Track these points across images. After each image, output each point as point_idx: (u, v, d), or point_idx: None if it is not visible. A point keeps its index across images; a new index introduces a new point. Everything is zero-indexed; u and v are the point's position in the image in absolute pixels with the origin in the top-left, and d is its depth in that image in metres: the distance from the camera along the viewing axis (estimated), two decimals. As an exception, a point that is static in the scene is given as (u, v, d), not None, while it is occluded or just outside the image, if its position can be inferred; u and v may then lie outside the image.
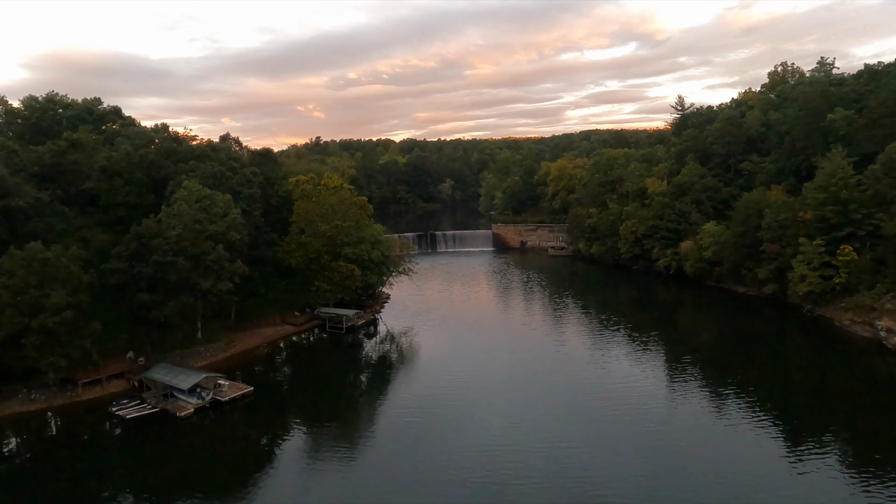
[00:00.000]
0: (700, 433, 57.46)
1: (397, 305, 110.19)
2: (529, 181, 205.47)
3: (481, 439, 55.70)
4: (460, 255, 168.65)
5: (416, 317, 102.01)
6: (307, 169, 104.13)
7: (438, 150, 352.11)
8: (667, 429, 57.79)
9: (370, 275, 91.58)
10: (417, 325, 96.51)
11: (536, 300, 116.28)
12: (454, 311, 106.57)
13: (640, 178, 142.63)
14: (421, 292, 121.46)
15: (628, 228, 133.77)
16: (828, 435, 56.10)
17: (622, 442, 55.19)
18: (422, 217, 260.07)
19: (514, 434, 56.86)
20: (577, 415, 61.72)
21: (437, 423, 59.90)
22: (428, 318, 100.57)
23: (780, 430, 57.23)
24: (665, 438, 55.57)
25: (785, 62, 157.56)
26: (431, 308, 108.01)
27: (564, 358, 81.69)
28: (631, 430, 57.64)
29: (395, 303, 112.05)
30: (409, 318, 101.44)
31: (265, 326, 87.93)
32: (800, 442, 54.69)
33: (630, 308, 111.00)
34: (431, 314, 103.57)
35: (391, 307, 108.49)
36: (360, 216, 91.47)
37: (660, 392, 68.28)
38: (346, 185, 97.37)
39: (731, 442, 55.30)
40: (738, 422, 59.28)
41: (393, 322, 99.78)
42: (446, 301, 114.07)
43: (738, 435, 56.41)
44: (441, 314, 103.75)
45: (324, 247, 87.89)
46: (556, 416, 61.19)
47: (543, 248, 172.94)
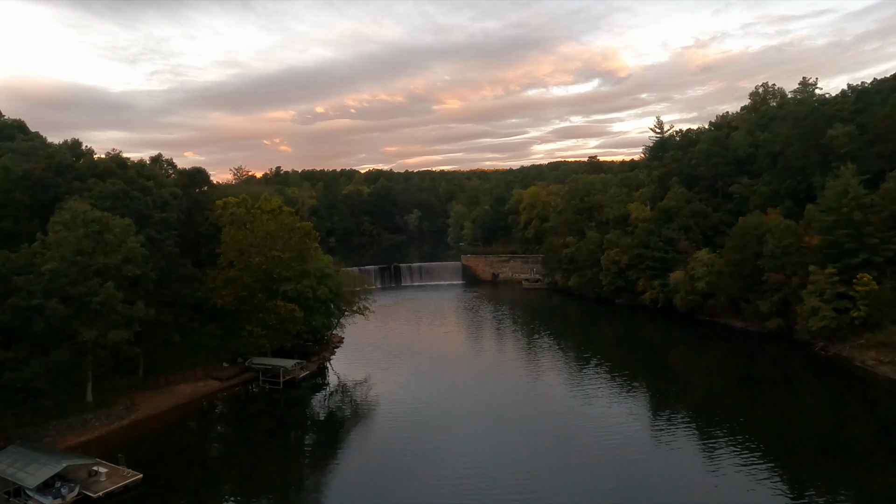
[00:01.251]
0: (691, 486, 48.33)
1: (352, 350, 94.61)
2: (500, 210, 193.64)
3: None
4: (427, 290, 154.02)
5: (375, 363, 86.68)
6: (245, 191, 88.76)
7: (405, 180, 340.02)
8: (655, 481, 48.71)
9: (316, 316, 76.02)
10: (376, 374, 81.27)
11: (511, 341, 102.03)
12: (419, 355, 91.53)
13: (620, 203, 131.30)
14: (381, 333, 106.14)
15: (610, 258, 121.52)
16: (846, 492, 46.48)
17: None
18: (387, 249, 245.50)
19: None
20: (563, 477, 49.93)
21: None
22: (388, 365, 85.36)
23: (790, 487, 47.24)
24: (651, 491, 47.18)
25: (766, 83, 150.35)
26: (393, 352, 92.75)
27: (544, 407, 68.33)
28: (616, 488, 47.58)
29: (350, 347, 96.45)
30: (366, 364, 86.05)
31: (183, 382, 71.41)
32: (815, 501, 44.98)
33: (614, 347, 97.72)
34: (393, 360, 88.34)
35: (345, 352, 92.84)
36: (303, 245, 76.56)
37: (646, 441, 57.87)
38: (286, 208, 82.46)
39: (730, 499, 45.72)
40: (737, 476, 49.37)
41: (346, 370, 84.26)
42: (410, 343, 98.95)
43: (737, 492, 46.90)
44: (404, 359, 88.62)
45: (257, 283, 72.49)
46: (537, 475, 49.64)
47: (517, 281, 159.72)
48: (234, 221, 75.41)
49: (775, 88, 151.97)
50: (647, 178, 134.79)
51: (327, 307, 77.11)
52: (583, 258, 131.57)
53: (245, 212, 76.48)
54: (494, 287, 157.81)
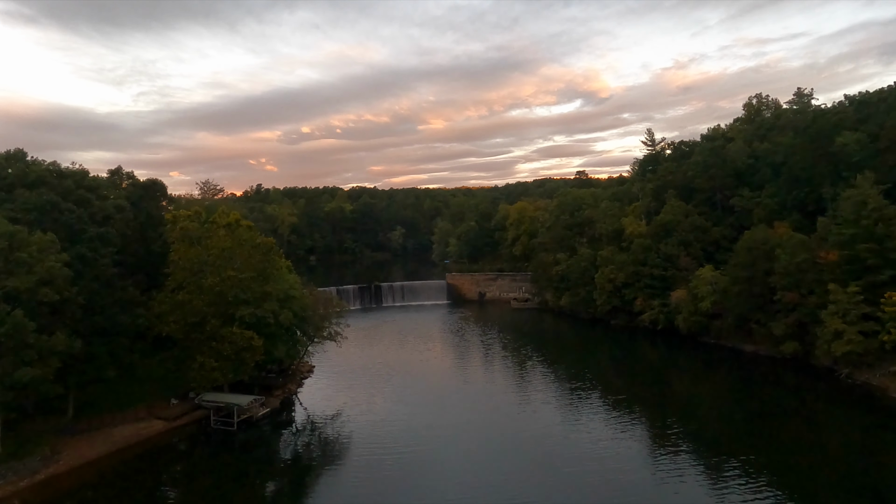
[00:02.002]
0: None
1: (324, 380, 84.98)
2: (486, 226, 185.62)
3: None
4: (410, 311, 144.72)
5: (350, 394, 77.14)
6: (199, 204, 78.87)
7: (389, 197, 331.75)
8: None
9: (278, 345, 66.37)
10: (350, 407, 71.78)
11: (500, 368, 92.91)
12: (399, 384, 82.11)
13: (613, 218, 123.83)
14: (358, 360, 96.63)
15: (605, 276, 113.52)
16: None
17: None
18: (370, 267, 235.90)
19: None
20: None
21: None
22: (365, 397, 75.85)
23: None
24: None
25: (759, 93, 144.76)
26: (370, 382, 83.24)
27: (538, 444, 59.47)
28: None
29: (322, 376, 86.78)
30: (340, 396, 76.50)
31: (122, 423, 61.22)
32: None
33: (612, 373, 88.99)
34: (370, 390, 78.85)
35: (315, 383, 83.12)
36: (264, 264, 67.35)
37: (648, 482, 50.54)
38: (244, 221, 73.21)
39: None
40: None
41: (316, 404, 74.58)
42: (390, 371, 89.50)
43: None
44: (382, 390, 79.16)
45: (210, 307, 62.92)
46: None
47: (505, 300, 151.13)
48: (185, 237, 65.96)
49: (769, 99, 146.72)
50: (641, 191, 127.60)
51: (292, 334, 67.40)
52: (575, 276, 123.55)
53: (198, 226, 67.11)
54: (481, 307, 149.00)
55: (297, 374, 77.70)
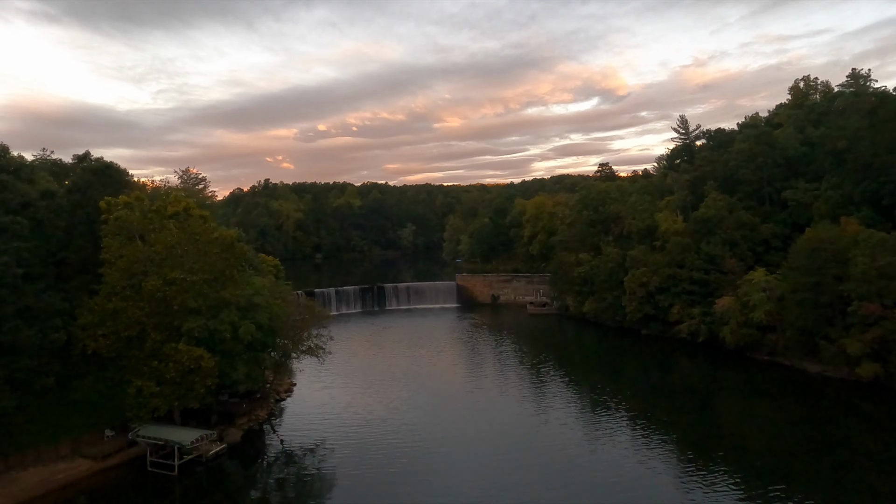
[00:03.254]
0: None
1: (306, 401, 71.86)
2: (501, 222, 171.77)
3: None
4: (415, 315, 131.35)
5: (334, 419, 64.14)
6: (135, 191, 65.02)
7: (401, 193, 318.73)
8: None
9: (237, 365, 53.10)
10: (335, 435, 58.94)
11: (516, 385, 78.83)
12: (397, 405, 68.80)
13: (645, 213, 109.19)
14: (350, 373, 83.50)
15: (636, 280, 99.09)
16: None
17: None
18: (379, 266, 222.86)
19: None
20: None
21: None
22: (354, 422, 62.78)
23: None
24: None
25: (807, 76, 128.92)
26: (362, 403, 70.08)
27: (563, 481, 47.25)
28: None
29: (304, 396, 73.64)
30: (323, 422, 63.50)
31: (37, 464, 48.59)
32: None
33: (644, 392, 74.85)
34: (361, 414, 65.65)
35: (295, 405, 70.03)
36: (222, 264, 54.35)
37: None
38: (197, 209, 59.85)
39: None
40: None
41: (292, 433, 61.58)
42: (387, 388, 76.18)
43: None
44: (376, 412, 65.96)
45: (151, 318, 50.18)
46: None
47: (520, 304, 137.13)
48: (122, 230, 52.98)
49: (818, 82, 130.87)
50: (676, 183, 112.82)
51: (256, 354, 53.93)
52: (600, 279, 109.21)
53: (140, 216, 54.15)
54: (494, 311, 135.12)
55: (270, 395, 64.58)
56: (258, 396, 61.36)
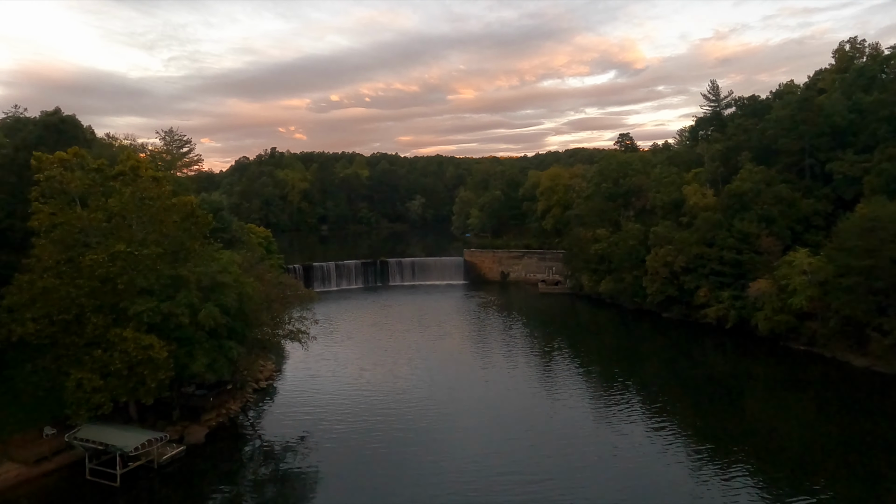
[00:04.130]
0: None
1: (290, 388, 64.82)
2: (513, 196, 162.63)
3: None
4: (419, 292, 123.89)
5: (322, 410, 57.17)
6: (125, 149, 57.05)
7: (410, 164, 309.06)
8: None
9: (197, 355, 45.63)
10: (320, 429, 52.08)
11: (525, 375, 71.05)
12: (392, 393, 61.69)
13: (671, 186, 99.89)
14: (343, 356, 76.40)
15: (659, 258, 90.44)
16: None
17: None
18: (386, 239, 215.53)
19: None
20: None
21: None
22: (344, 413, 55.81)
23: None
24: None
25: (854, 37, 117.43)
26: (354, 390, 63.02)
27: (571, 473, 41.14)
28: None
29: (288, 384, 66.57)
30: (308, 413, 56.57)
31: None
32: None
33: (667, 382, 67.12)
34: (352, 404, 58.64)
35: (276, 395, 62.96)
36: (181, 235, 46.54)
37: None
38: (153, 172, 51.38)
39: None
40: None
41: (272, 426, 54.79)
42: (379, 376, 69.00)
43: None
44: (368, 401, 58.88)
45: (91, 298, 43.03)
46: None
47: (531, 282, 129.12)
48: (57, 193, 44.97)
49: (864, 44, 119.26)
50: (706, 153, 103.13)
51: (221, 338, 46.12)
52: (619, 257, 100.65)
53: (81, 177, 46.11)
54: (503, 289, 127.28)
55: (246, 385, 57.42)
56: (230, 388, 54.22)
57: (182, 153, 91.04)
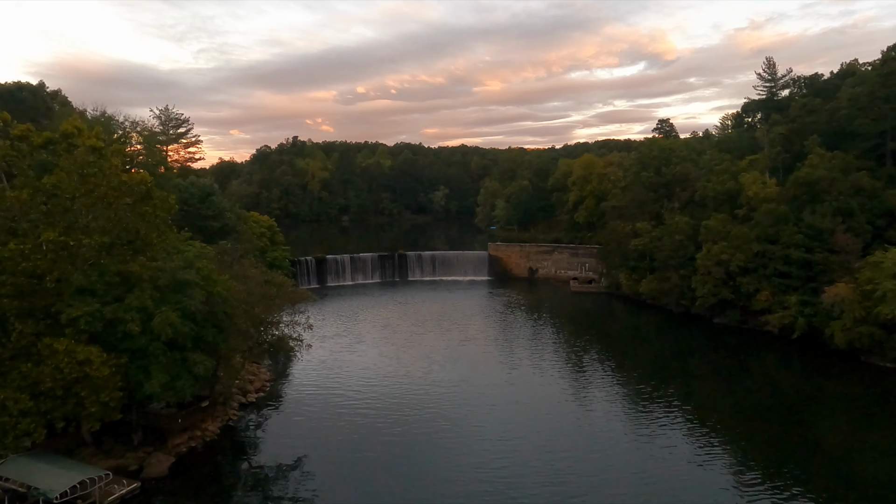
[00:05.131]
0: None
1: (280, 408, 55.51)
2: (542, 186, 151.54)
3: None
4: (440, 288, 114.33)
5: (317, 433, 48.22)
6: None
7: (434, 154, 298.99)
8: None
9: (153, 372, 36.29)
10: (316, 458, 43.18)
11: (556, 385, 60.85)
12: (401, 416, 52.28)
13: (724, 174, 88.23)
14: (346, 368, 67.16)
15: (712, 256, 79.25)
16: None
17: None
18: (409, 231, 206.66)
19: None
20: None
21: None
22: (344, 438, 46.77)
23: None
24: None
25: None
26: (357, 409, 53.76)
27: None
28: None
29: (281, 400, 57.50)
30: (298, 439, 47.56)
31: None
32: None
33: (721, 403, 57.08)
34: (353, 427, 49.47)
35: (265, 413, 53.90)
36: (136, 220, 37.39)
37: None
38: (93, 139, 41.28)
39: None
40: None
41: (260, 448, 46.16)
42: (391, 386, 59.67)
43: None
44: (372, 426, 49.63)
45: (13, 300, 33.85)
46: None
47: (562, 280, 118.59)
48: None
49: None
50: (764, 138, 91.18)
51: (184, 350, 36.74)
52: (664, 253, 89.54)
53: (6, 146, 37.09)
54: (532, 287, 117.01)
55: (228, 400, 48.49)
56: (206, 405, 45.27)
57: (179, 133, 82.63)
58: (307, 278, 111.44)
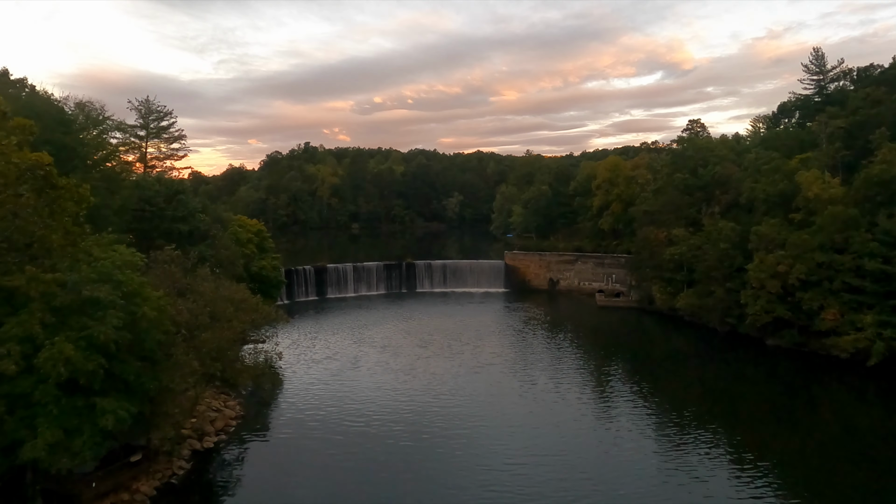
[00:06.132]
0: None
1: (245, 456, 45.57)
2: (562, 191, 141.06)
3: None
4: (451, 301, 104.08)
5: (291, 486, 38.33)
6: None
7: (449, 160, 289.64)
8: None
9: (41, 425, 24.95)
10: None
11: (585, 419, 50.15)
12: (401, 463, 42.13)
13: (777, 173, 77.15)
14: (333, 402, 56.97)
15: (766, 268, 68.13)
16: None
17: None
18: (422, 239, 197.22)
19: None
20: None
21: None
22: (324, 495, 36.71)
23: None
24: None
25: None
26: (345, 458, 43.66)
27: None
28: None
29: (246, 445, 47.63)
30: (271, 489, 37.74)
31: None
32: None
33: (785, 445, 45.48)
34: (340, 481, 39.45)
35: (225, 462, 43.96)
36: (32, 217, 27.68)
37: None
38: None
39: None
40: None
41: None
42: (388, 424, 49.45)
43: None
44: (361, 480, 39.51)
45: None
46: None
47: (586, 292, 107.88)
48: None
49: None
50: (821, 132, 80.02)
51: (88, 395, 26.74)
52: (706, 264, 78.56)
53: None
54: (553, 300, 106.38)
55: (175, 449, 38.33)
56: (137, 458, 35.17)
57: (161, 127, 73.81)
58: (305, 290, 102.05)
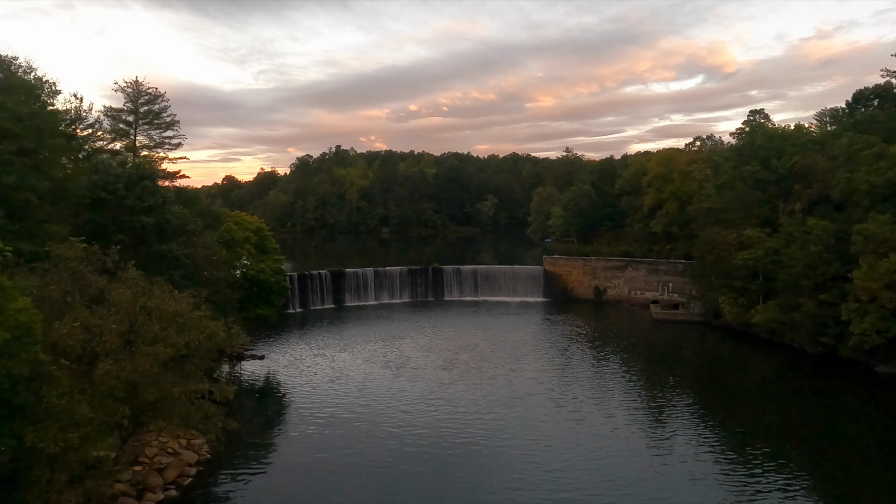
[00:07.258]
0: None
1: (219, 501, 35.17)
2: (606, 190, 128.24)
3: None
4: (482, 312, 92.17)
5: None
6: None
7: (483, 163, 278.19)
8: None
9: None
10: None
11: (642, 462, 37.71)
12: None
13: (882, 160, 63.12)
14: (332, 433, 46.00)
15: (880, 276, 54.32)
16: None
17: None
18: (454, 244, 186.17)
19: None
20: None
21: None
22: None
23: None
24: None
25: None
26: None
27: None
28: None
29: (222, 489, 37.06)
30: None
31: None
32: None
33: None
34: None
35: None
36: None
37: None
38: None
39: None
40: None
41: None
42: (389, 479, 38.15)
43: None
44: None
45: None
46: None
47: (638, 303, 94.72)
48: None
49: None
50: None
51: None
52: (790, 271, 64.93)
53: None
54: (599, 311, 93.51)
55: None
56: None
57: (152, 111, 64.64)
58: (321, 297, 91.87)
